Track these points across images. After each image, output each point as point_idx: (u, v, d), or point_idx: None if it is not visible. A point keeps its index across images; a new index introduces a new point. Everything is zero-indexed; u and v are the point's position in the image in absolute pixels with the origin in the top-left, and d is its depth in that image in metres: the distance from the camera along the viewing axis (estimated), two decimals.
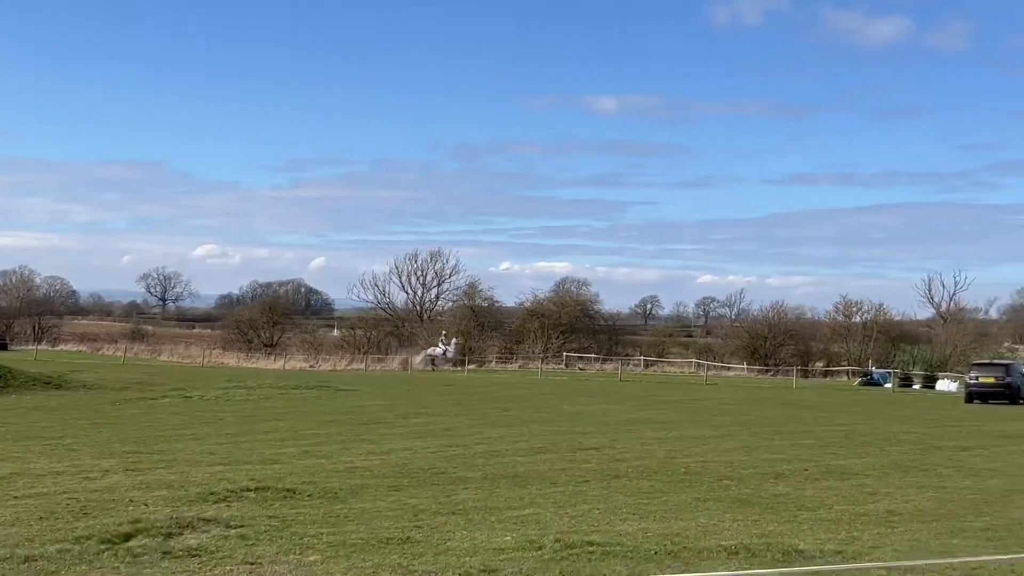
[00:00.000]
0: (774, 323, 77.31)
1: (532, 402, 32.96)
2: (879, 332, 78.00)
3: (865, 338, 77.67)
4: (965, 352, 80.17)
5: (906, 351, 79.67)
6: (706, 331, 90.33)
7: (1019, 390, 43.45)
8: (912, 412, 33.78)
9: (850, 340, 78.18)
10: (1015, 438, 23.97)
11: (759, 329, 77.06)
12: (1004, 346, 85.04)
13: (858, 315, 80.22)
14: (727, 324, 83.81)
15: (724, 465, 17.01)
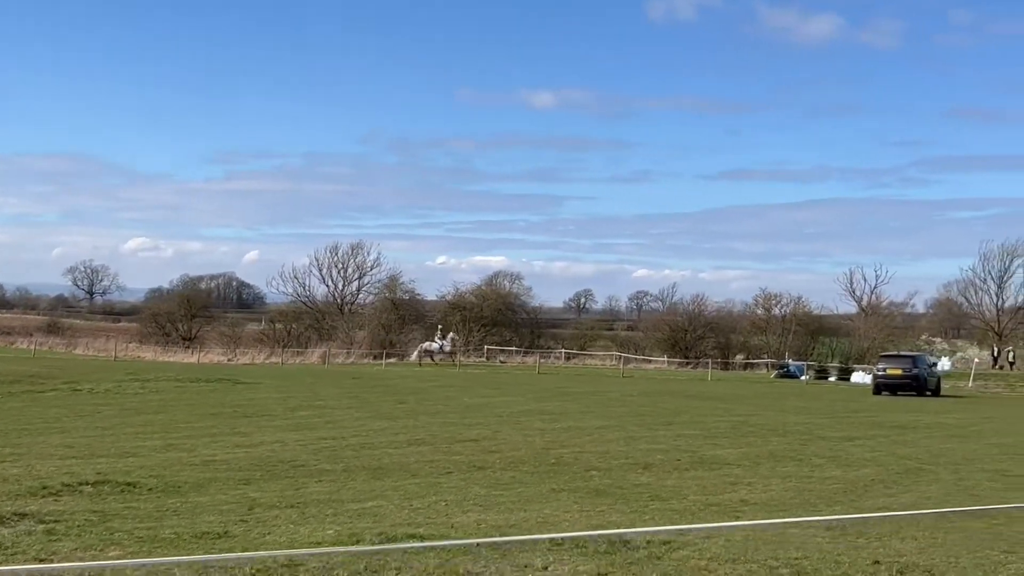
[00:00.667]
0: (694, 316, 77.66)
1: (435, 395, 32.57)
2: (798, 325, 78.69)
3: (784, 331, 78.32)
4: (883, 345, 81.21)
5: (825, 344, 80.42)
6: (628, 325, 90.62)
7: (926, 381, 43.98)
8: (815, 403, 33.94)
9: (769, 333, 78.81)
10: (905, 428, 24.09)
11: (680, 322, 77.35)
12: (922, 338, 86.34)
13: (777, 308, 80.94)
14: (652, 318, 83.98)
15: (598, 456, 16.79)
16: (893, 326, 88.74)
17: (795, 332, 78.21)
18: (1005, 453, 18.93)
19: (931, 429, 24.01)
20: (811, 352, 76.90)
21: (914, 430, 23.66)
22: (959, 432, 23.38)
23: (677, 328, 77.06)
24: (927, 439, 21.35)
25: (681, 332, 76.68)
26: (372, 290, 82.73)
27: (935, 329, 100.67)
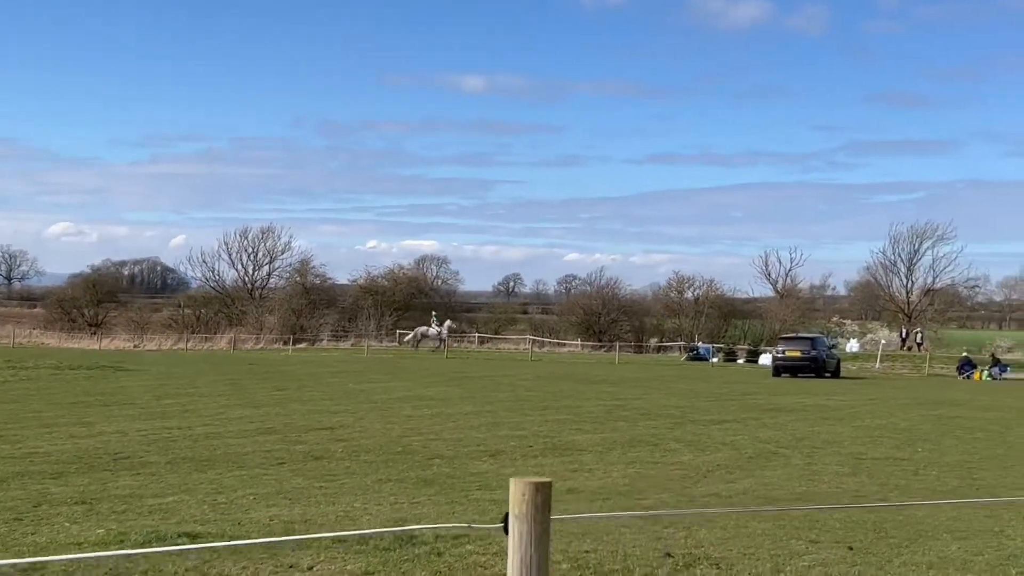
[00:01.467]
0: (608, 299, 77.64)
1: (323, 381, 31.91)
2: (710, 308, 79.09)
3: (697, 313, 78.66)
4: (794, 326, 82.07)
5: (737, 326, 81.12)
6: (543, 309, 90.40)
7: (825, 363, 44.20)
8: (707, 386, 33.81)
9: (682, 316, 79.09)
10: (781, 411, 23.92)
11: (593, 306, 77.28)
12: (833, 320, 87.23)
13: (690, 291, 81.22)
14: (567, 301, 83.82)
15: (450, 443, 16.32)
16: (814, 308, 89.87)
17: (707, 315, 78.63)
18: (870, 436, 18.79)
19: (808, 411, 23.89)
20: (723, 335, 77.49)
21: (790, 412, 23.51)
22: (835, 414, 23.28)
23: (591, 312, 77.02)
24: (798, 422, 21.18)
25: (595, 316, 76.66)
26: (283, 274, 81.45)
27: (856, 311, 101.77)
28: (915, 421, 22.00)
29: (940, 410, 25.41)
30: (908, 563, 8.34)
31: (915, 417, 22.95)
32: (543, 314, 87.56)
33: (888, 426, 20.73)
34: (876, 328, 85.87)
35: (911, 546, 8.99)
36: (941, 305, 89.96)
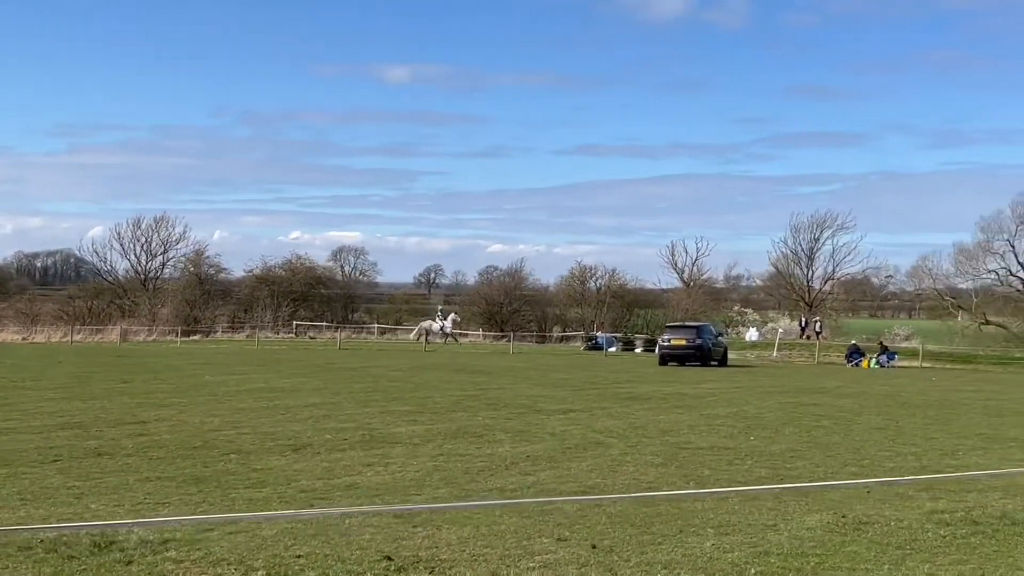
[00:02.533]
0: (510, 289, 77.07)
1: (180, 372, 30.83)
2: (612, 297, 78.92)
3: (599, 303, 78.44)
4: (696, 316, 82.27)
5: (640, 316, 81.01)
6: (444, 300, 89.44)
7: (711, 351, 44.00)
8: (583, 375, 33.25)
9: (584, 306, 78.80)
10: (637, 400, 23.37)
11: (495, 296, 76.64)
12: (735, 309, 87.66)
13: (592, 281, 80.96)
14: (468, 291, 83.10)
15: (261, 436, 15.46)
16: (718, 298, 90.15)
17: (610, 304, 78.45)
18: (710, 424, 18.28)
19: (664, 400, 23.39)
20: (625, 324, 77.35)
21: (645, 401, 23.00)
22: (690, 402, 22.79)
23: (493, 302, 76.37)
24: (646, 410, 20.64)
25: (497, 306, 76.04)
26: (178, 265, 79.48)
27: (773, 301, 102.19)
28: (768, 409, 21.59)
29: (801, 397, 25.11)
30: (645, 562, 7.72)
31: (771, 405, 22.56)
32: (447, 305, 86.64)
33: (737, 414, 20.27)
34: (778, 317, 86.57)
35: (664, 543, 8.38)
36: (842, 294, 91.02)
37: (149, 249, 78.96)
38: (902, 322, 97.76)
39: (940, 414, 21.39)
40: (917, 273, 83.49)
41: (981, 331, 75.14)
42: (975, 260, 75.91)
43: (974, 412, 22.03)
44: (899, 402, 24.42)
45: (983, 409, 22.80)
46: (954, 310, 78.13)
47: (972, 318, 75.79)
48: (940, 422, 19.65)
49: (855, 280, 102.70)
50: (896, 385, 31.98)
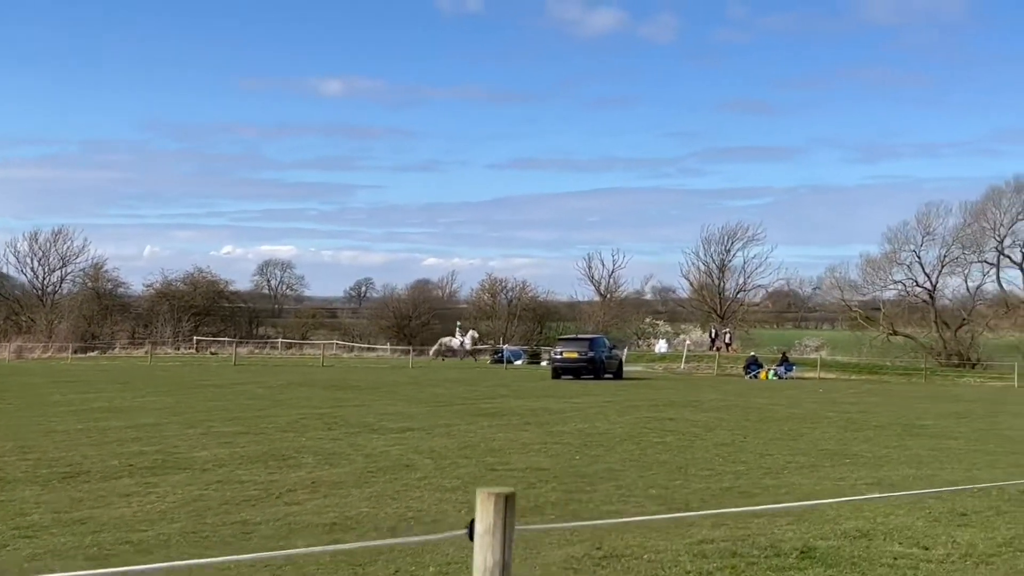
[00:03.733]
0: (419, 302, 75.96)
1: (36, 390, 29.35)
2: (524, 310, 78.18)
3: (510, 316, 77.64)
4: (607, 328, 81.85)
5: (552, 328, 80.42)
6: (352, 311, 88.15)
7: (604, 364, 43.31)
8: (458, 390, 32.23)
9: (495, 319, 77.93)
10: (494, 416, 22.42)
11: (404, 309, 75.49)
12: (647, 321, 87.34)
13: (503, 294, 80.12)
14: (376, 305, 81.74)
15: (40, 462, 14.25)
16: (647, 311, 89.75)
17: (521, 317, 77.71)
18: (547, 442, 17.37)
19: (523, 416, 22.43)
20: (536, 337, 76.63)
21: (500, 417, 22.05)
22: (546, 419, 21.85)
23: (401, 315, 75.20)
24: (493, 428, 19.67)
25: (405, 319, 74.88)
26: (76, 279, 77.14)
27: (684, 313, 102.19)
28: (621, 424, 20.76)
29: (667, 412, 24.33)
30: None
31: (627, 420, 21.74)
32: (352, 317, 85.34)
33: (585, 431, 19.41)
34: (690, 329, 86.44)
35: None
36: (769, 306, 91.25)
37: (47, 263, 76.61)
38: (814, 333, 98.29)
39: (795, 428, 20.72)
40: (825, 284, 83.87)
41: (890, 341, 75.48)
42: (882, 271, 76.31)
43: (833, 426, 21.40)
44: (763, 416, 23.76)
45: (844, 423, 22.19)
46: (862, 321, 78.41)
47: (880, 329, 76.03)
48: (789, 437, 18.95)
49: (783, 292, 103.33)
50: (776, 398, 31.44)
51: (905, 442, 18.27)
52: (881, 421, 22.76)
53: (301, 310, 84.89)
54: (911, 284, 75.60)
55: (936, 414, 25.51)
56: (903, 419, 23.38)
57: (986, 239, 72.65)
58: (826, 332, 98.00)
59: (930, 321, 74.14)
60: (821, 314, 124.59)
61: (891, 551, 8.93)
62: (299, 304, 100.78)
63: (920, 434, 19.89)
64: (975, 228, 73.25)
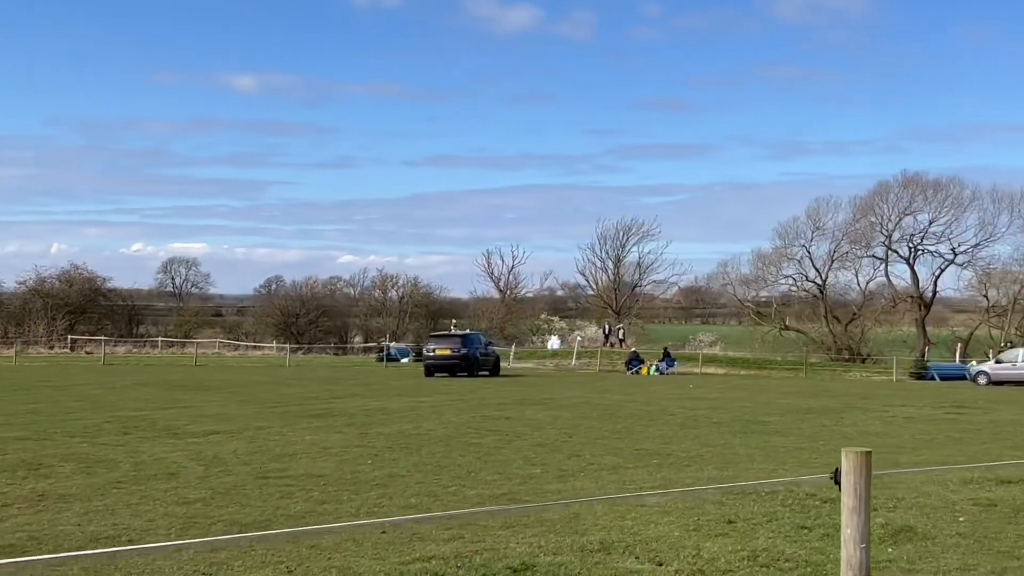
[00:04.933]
0: (307, 299, 74.22)
1: None
2: (416, 307, 76.88)
3: (402, 313, 76.30)
4: (501, 324, 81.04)
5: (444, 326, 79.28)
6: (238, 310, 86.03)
7: (478, 361, 42.30)
8: (316, 388, 30.94)
9: (386, 315, 76.54)
10: (321, 417, 21.17)
11: (291, 307, 73.68)
12: (541, 317, 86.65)
13: (394, 290, 78.76)
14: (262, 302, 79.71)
15: None
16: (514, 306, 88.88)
17: (412, 314, 76.44)
18: (355, 446, 16.18)
19: (353, 417, 21.20)
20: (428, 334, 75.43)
21: (328, 418, 20.79)
22: (376, 420, 20.63)
23: (288, 312, 73.40)
24: (308, 430, 18.40)
25: (292, 316, 73.10)
26: None
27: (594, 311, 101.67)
28: (447, 425, 19.65)
29: (510, 411, 23.25)
30: None
31: (458, 420, 20.64)
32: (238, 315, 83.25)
33: (405, 432, 18.25)
34: (585, 325, 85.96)
35: None
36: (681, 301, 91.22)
37: None
38: (710, 328, 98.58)
39: (628, 427, 19.83)
40: (717, 279, 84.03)
41: (783, 336, 75.68)
42: (773, 266, 76.50)
43: (669, 424, 20.53)
44: (606, 413, 22.88)
45: (684, 420, 21.34)
46: (755, 316, 78.60)
47: (773, 324, 76.21)
48: (615, 436, 18.02)
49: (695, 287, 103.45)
50: (638, 394, 30.68)
51: (731, 440, 17.45)
52: (723, 418, 21.98)
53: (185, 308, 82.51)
54: (801, 279, 75.95)
55: (788, 410, 24.87)
56: (748, 415, 22.65)
57: (874, 234, 73.28)
58: (722, 328, 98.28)
59: (820, 316, 74.58)
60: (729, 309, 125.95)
61: (622, 567, 7.92)
62: (205, 302, 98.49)
63: (754, 431, 19.12)
64: (863, 223, 73.84)
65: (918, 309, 71.97)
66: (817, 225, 74.24)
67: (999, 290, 70.68)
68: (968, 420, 22.58)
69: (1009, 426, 21.22)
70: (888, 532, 9.17)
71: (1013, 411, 25.60)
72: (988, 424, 21.74)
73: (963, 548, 8.58)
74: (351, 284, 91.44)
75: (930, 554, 8.36)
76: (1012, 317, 68.05)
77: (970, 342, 68.00)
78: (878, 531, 9.19)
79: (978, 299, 72.01)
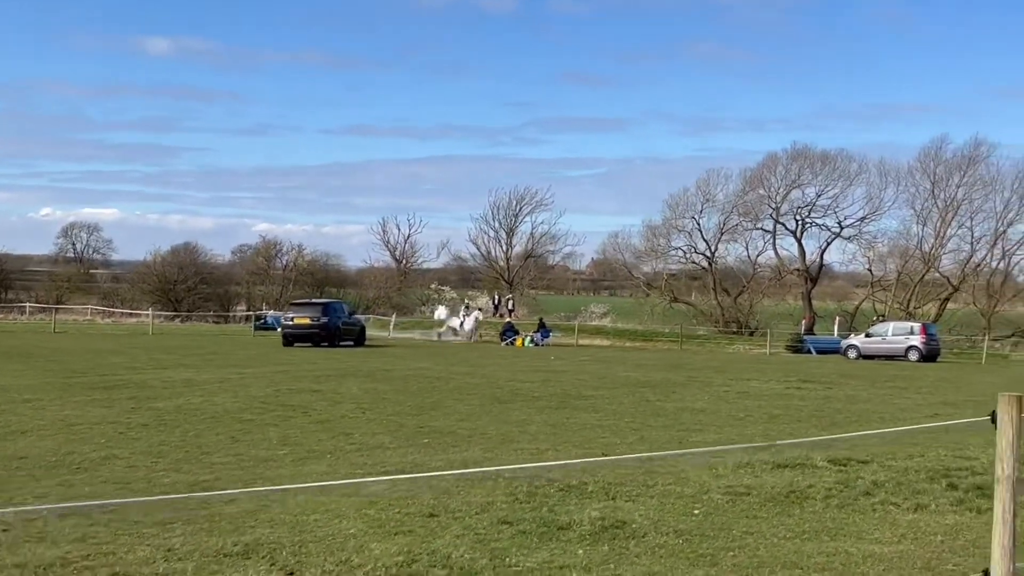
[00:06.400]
0: (185, 265, 71.80)
1: None
2: (301, 275, 74.91)
3: (286, 280, 74.26)
4: (388, 294, 79.47)
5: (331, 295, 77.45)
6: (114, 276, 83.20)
7: (339, 331, 40.77)
8: (142, 358, 29.21)
9: (269, 283, 74.43)
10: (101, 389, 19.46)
11: (169, 273, 71.19)
12: (431, 287, 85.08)
13: (278, 257, 76.65)
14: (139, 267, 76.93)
15: None
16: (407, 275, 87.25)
17: (297, 282, 74.43)
18: (99, 422, 14.71)
19: (152, 390, 19.53)
20: None
21: (115, 391, 19.17)
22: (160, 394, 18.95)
23: (166, 279, 70.91)
24: (78, 404, 16.88)
25: (170, 283, 70.66)
26: None
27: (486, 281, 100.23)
28: (242, 400, 18.19)
29: (330, 384, 21.84)
30: None
31: (261, 395, 19.16)
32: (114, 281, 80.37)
33: (180, 408, 16.76)
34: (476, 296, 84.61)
35: None
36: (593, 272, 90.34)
37: None
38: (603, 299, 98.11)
39: (440, 401, 18.65)
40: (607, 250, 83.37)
41: (673, 308, 75.15)
42: (663, 238, 75.89)
43: (484, 399, 19.22)
44: (429, 387, 21.63)
45: (502, 396, 20.06)
46: (645, 288, 78.09)
47: (663, 296, 75.68)
48: (416, 412, 16.76)
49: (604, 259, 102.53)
50: (485, 366, 29.53)
51: (533, 417, 16.33)
52: (547, 392, 20.87)
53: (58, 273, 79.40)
54: (691, 251, 75.42)
55: (625, 383, 23.87)
56: (575, 390, 21.56)
57: (763, 207, 72.95)
58: (616, 299, 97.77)
59: (709, 288, 74.22)
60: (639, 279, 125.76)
61: None
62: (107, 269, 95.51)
63: (566, 407, 18.03)
64: (753, 196, 73.46)
65: (804, 282, 71.99)
66: (707, 197, 73.75)
67: (885, 264, 71.04)
68: (802, 396, 21.79)
69: (839, 403, 20.46)
70: (596, 528, 8.06)
71: (854, 387, 24.95)
72: (822, 400, 20.97)
73: (665, 550, 7.49)
74: (242, 251, 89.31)
75: (622, 558, 7.26)
76: (896, 291, 68.40)
77: (856, 315, 68.28)
78: (586, 527, 8.09)
79: (864, 273, 72.32)
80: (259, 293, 73.48)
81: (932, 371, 35.06)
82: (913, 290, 67.46)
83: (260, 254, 76.75)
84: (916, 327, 45.65)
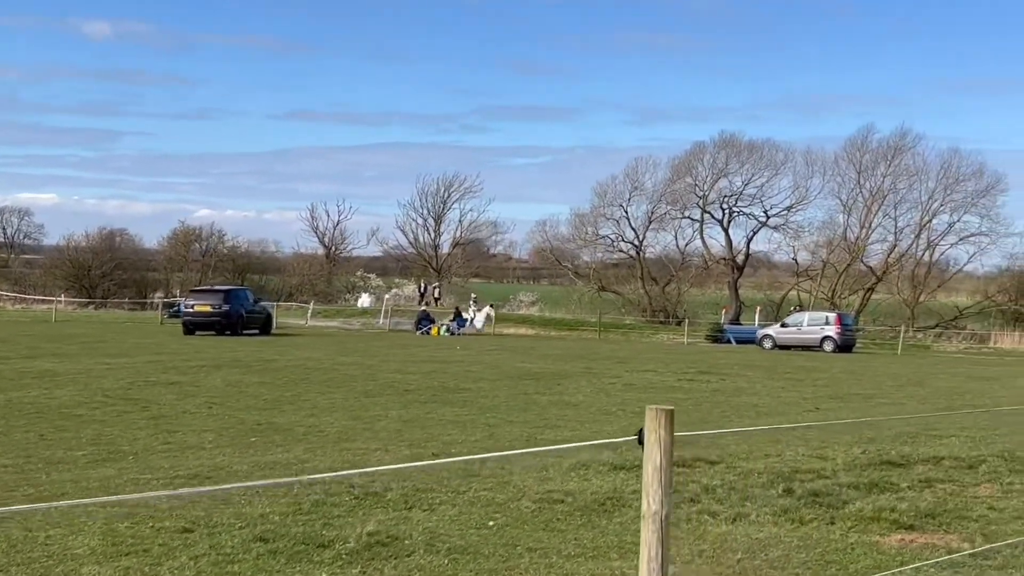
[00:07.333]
0: (100, 251, 69.88)
1: None
2: (221, 262, 73.30)
3: (205, 268, 72.63)
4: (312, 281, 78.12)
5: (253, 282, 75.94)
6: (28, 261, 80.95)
7: (242, 319, 39.53)
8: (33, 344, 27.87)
9: (188, 270, 72.73)
10: None
11: (83, 259, 69.23)
12: (358, 274, 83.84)
13: (198, 243, 74.89)
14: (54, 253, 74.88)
15: None
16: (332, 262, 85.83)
17: (217, 269, 72.78)
18: None
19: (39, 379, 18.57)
20: None
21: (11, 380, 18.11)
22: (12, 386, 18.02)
23: (80, 265, 68.94)
24: None
25: (85, 269, 68.70)
26: None
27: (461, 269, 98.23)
28: (88, 393, 17.12)
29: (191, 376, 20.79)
30: None
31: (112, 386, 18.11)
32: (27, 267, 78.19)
33: (13, 402, 15.70)
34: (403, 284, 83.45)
35: None
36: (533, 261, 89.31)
37: None
38: (532, 288, 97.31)
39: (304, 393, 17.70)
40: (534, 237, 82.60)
41: (601, 297, 74.54)
42: (590, 226, 75.17)
43: (352, 392, 18.35)
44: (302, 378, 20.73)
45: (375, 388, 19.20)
46: (572, 276, 77.48)
47: (590, 284, 75.08)
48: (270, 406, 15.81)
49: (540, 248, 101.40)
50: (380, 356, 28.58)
51: (388, 413, 15.44)
52: (425, 385, 19.97)
53: None
54: (619, 239, 74.82)
55: (511, 375, 23.02)
56: (455, 382, 20.69)
57: (690, 196, 72.53)
58: (545, 287, 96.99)
59: (637, 277, 73.69)
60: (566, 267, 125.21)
61: None
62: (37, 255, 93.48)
63: (435, 401, 17.17)
64: (680, 185, 73.02)
65: (731, 271, 71.76)
66: (636, 185, 73.18)
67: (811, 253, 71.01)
68: (690, 389, 21.10)
69: (723, 396, 19.79)
70: (360, 546, 7.14)
71: (750, 379, 24.28)
72: (708, 393, 20.29)
73: (423, 573, 6.59)
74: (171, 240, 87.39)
75: None
76: (822, 280, 68.39)
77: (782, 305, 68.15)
78: (350, 544, 7.17)
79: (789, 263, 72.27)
80: (177, 280, 71.71)
81: (841, 362, 34.63)
82: (838, 279, 67.46)
83: (178, 239, 74.88)
84: (832, 317, 45.34)
